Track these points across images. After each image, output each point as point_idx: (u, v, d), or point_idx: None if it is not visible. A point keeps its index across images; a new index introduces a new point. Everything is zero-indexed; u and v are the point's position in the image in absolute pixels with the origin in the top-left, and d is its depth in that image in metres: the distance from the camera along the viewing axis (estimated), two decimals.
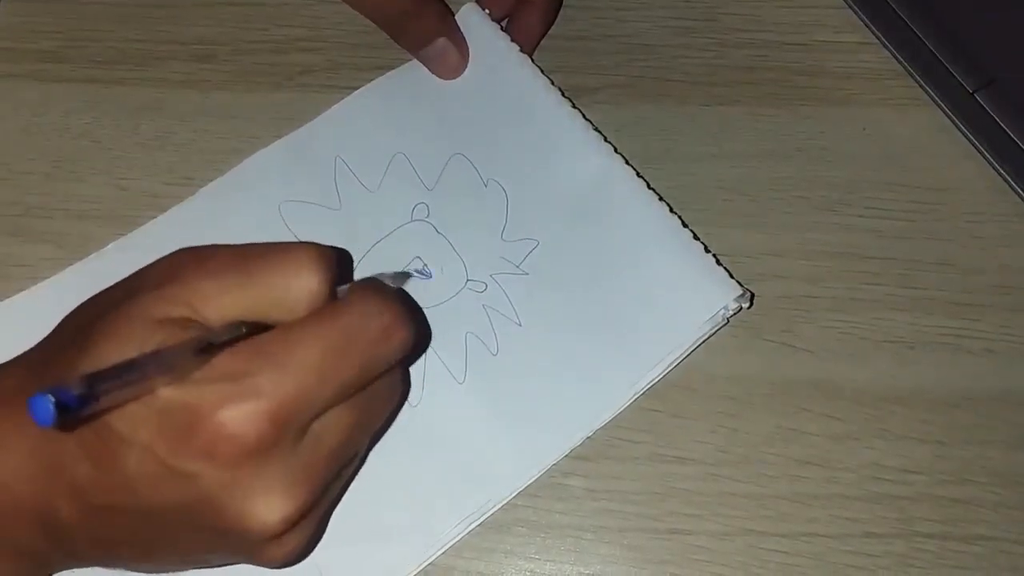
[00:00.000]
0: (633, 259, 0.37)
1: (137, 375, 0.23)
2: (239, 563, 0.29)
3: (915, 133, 0.40)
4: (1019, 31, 0.40)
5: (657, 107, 0.41)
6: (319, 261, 0.27)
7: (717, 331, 0.36)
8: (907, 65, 0.40)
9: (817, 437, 0.35)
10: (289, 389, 0.25)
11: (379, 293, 0.28)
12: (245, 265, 0.27)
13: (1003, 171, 0.38)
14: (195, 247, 0.28)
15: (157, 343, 0.25)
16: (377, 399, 0.29)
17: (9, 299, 0.37)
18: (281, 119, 0.40)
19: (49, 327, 0.30)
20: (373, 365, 0.28)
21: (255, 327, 0.26)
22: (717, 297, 0.35)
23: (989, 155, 0.38)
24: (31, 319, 0.30)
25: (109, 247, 0.38)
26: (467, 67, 0.40)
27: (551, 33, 0.42)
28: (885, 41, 0.41)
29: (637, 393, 0.35)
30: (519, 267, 0.37)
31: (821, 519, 0.34)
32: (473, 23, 0.41)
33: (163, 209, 0.39)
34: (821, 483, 0.35)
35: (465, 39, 0.40)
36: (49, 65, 0.42)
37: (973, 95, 0.39)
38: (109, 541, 0.28)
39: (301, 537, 0.28)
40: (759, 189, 0.39)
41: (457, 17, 0.40)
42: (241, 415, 0.24)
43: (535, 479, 0.34)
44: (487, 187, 0.39)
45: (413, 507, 0.34)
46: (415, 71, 0.41)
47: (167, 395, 0.24)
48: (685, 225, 0.37)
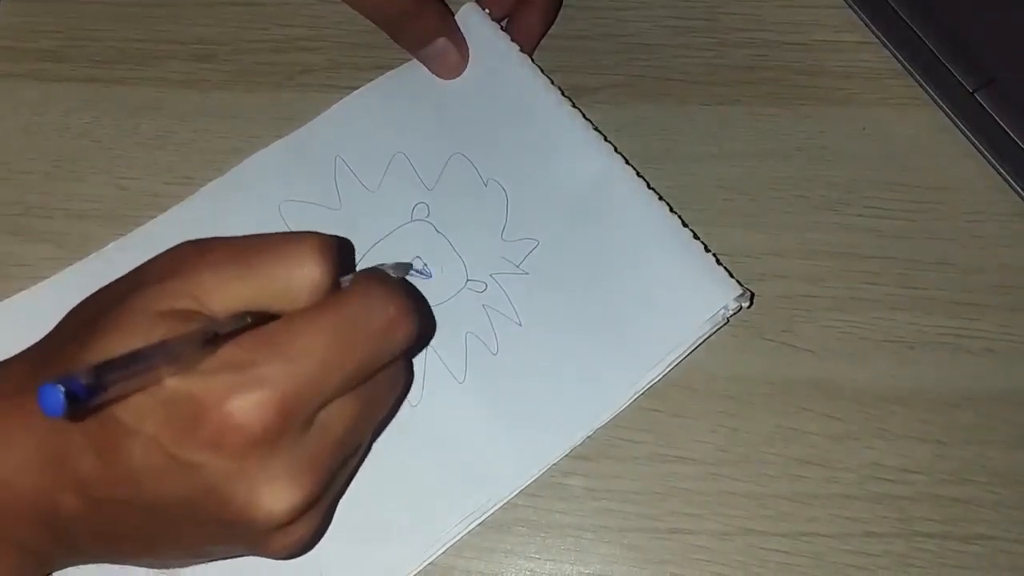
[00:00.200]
0: (633, 259, 0.37)
1: (144, 365, 0.23)
2: (243, 555, 0.29)
3: (915, 133, 0.40)
4: (1019, 31, 0.40)
5: (657, 107, 0.41)
6: (321, 251, 0.27)
7: (717, 331, 0.36)
8: (907, 64, 0.40)
9: (817, 437, 0.35)
10: (295, 379, 0.25)
11: (384, 283, 0.28)
12: (248, 256, 0.27)
13: (1003, 170, 0.38)
14: (198, 240, 0.28)
15: (161, 335, 0.24)
16: (381, 389, 0.30)
17: (9, 299, 0.37)
18: (281, 119, 0.40)
19: (49, 327, 0.30)
20: (378, 355, 0.28)
21: (260, 317, 0.26)
22: (717, 297, 0.35)
23: (989, 154, 0.38)
24: (31, 319, 0.30)
25: (109, 247, 0.38)
26: (467, 67, 0.40)
27: (551, 33, 0.42)
28: (885, 40, 0.41)
29: (637, 392, 0.35)
30: (519, 267, 0.37)
31: (821, 519, 0.34)
32: (473, 23, 0.41)
33: (163, 209, 0.39)
34: (821, 483, 0.35)
35: (465, 39, 0.40)
36: (49, 64, 0.42)
37: (973, 94, 0.39)
38: (112, 535, 0.28)
39: (307, 527, 0.28)
40: (759, 189, 0.39)
41: (457, 17, 0.40)
42: (247, 405, 0.25)
43: (535, 478, 0.35)
44: (487, 187, 0.39)
45: (413, 506, 0.34)
46: (415, 71, 0.41)
47: (173, 385, 0.24)
48: (685, 225, 0.37)
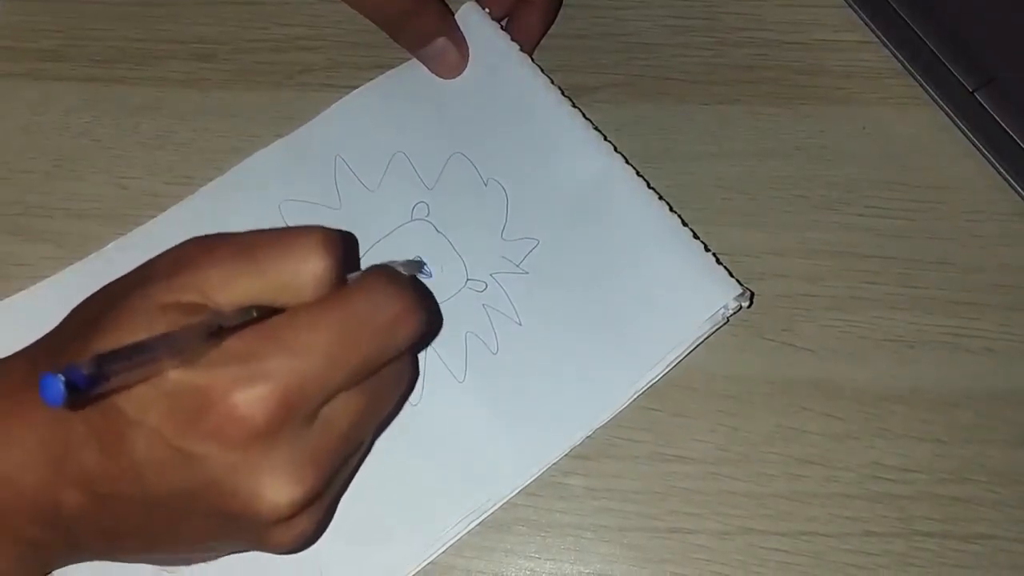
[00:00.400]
0: (633, 258, 0.37)
1: (147, 356, 0.23)
2: (245, 550, 0.29)
3: (915, 132, 0.40)
4: (1019, 30, 0.40)
5: (657, 106, 0.41)
6: (326, 245, 0.27)
7: (717, 330, 0.36)
8: (907, 64, 0.40)
9: (817, 436, 0.35)
10: (299, 372, 0.25)
11: (392, 279, 0.28)
12: (253, 250, 0.27)
13: (1003, 170, 0.38)
14: (202, 236, 0.28)
15: (165, 328, 0.24)
16: (386, 385, 0.29)
17: (9, 298, 0.37)
18: (281, 118, 0.40)
19: (49, 326, 0.30)
20: (384, 351, 0.27)
21: (265, 312, 0.26)
22: (717, 296, 0.35)
23: (989, 154, 0.38)
24: (31, 318, 0.30)
25: (109, 246, 0.38)
26: (467, 66, 0.40)
27: (551, 32, 0.42)
28: (885, 40, 0.41)
29: (637, 392, 0.35)
30: (519, 266, 0.37)
31: (821, 518, 0.34)
32: (473, 22, 0.41)
33: (163, 208, 0.39)
34: (821, 482, 0.35)
35: (465, 38, 0.40)
36: (49, 64, 0.42)
37: (973, 94, 0.39)
38: (114, 531, 0.28)
39: (309, 522, 0.28)
40: (759, 188, 0.39)
41: (457, 16, 0.40)
42: (251, 398, 0.24)
43: (535, 478, 0.35)
44: (487, 186, 0.39)
45: (413, 506, 0.34)
46: (415, 70, 0.41)
47: (176, 377, 0.24)
48: (685, 224, 0.37)
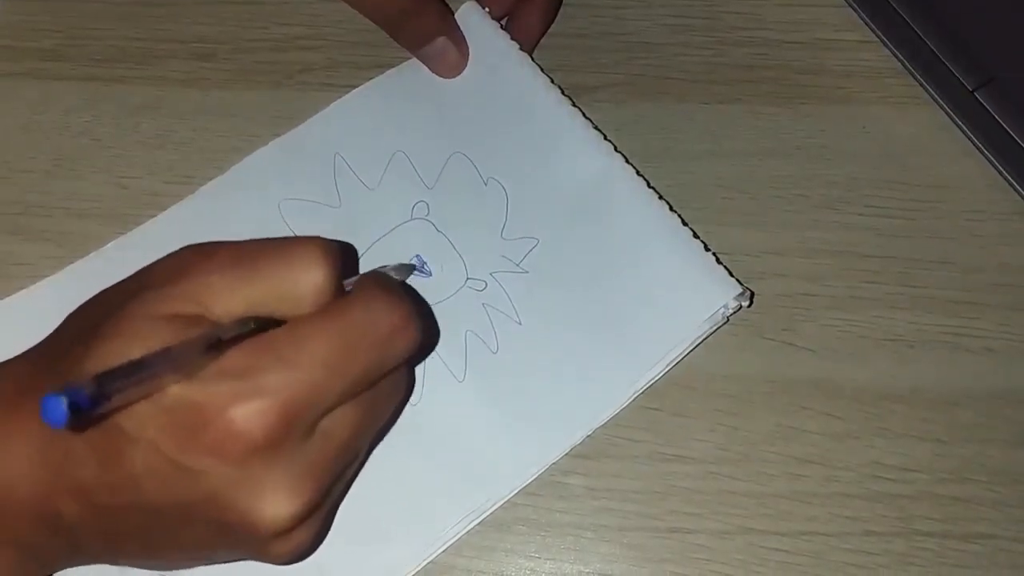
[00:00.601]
0: (633, 257, 0.37)
1: (147, 373, 0.23)
2: (244, 560, 0.29)
3: (915, 131, 0.40)
4: (1019, 30, 0.40)
5: (657, 105, 0.41)
6: (325, 255, 0.27)
7: (717, 330, 0.36)
8: (907, 63, 0.40)
9: (817, 435, 0.35)
10: (298, 386, 0.25)
11: (388, 291, 0.28)
12: (251, 260, 0.27)
13: (1003, 169, 0.38)
14: (200, 244, 0.28)
15: (164, 340, 0.24)
16: (383, 396, 0.29)
17: (9, 298, 0.37)
18: (281, 117, 0.40)
19: (49, 326, 0.30)
20: (381, 363, 0.28)
21: (263, 323, 0.26)
22: (717, 296, 0.35)
23: (989, 153, 0.38)
24: (31, 318, 0.30)
25: (109, 246, 0.38)
26: (467, 66, 0.40)
27: (551, 31, 0.42)
28: (885, 39, 0.41)
29: (637, 391, 0.35)
30: (519, 265, 0.37)
31: (821, 517, 0.34)
32: (473, 22, 0.40)
33: (163, 208, 0.39)
34: (821, 481, 0.35)
35: (465, 38, 0.40)
36: (49, 63, 0.42)
37: (973, 93, 0.39)
38: (114, 538, 0.28)
39: (307, 533, 0.28)
40: (759, 187, 0.39)
41: (457, 16, 0.40)
42: (249, 412, 0.24)
43: (535, 477, 0.35)
44: (487, 185, 0.39)
45: (413, 506, 0.34)
46: (414, 70, 0.41)
47: (175, 392, 0.24)
48: (685, 223, 0.37)
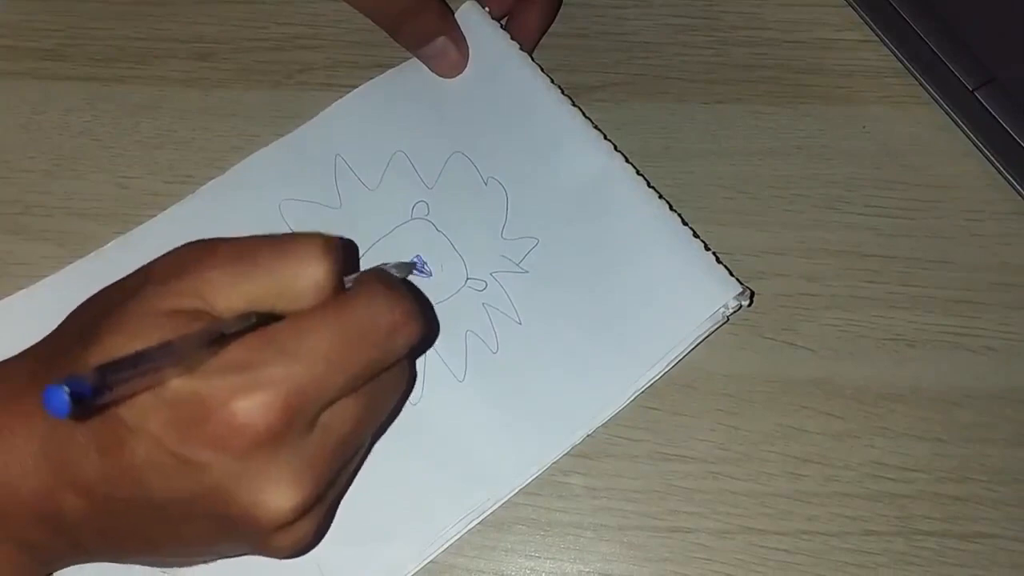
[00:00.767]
0: (633, 257, 0.37)
1: (149, 366, 0.23)
2: (245, 554, 0.29)
3: (915, 131, 0.40)
4: (1019, 29, 0.40)
5: (657, 105, 0.41)
6: (326, 252, 0.27)
7: (717, 329, 0.36)
8: (907, 63, 0.40)
9: (817, 435, 0.35)
10: (299, 380, 0.25)
11: (389, 286, 0.28)
12: (252, 256, 0.27)
13: (1003, 169, 0.38)
14: (201, 240, 0.28)
15: (166, 336, 0.24)
16: (384, 390, 0.30)
17: (9, 298, 0.37)
18: (281, 117, 0.40)
19: (49, 326, 0.30)
20: (382, 357, 0.28)
21: (265, 318, 0.26)
22: (717, 295, 0.35)
23: (989, 153, 0.38)
24: (31, 318, 0.30)
25: (109, 245, 0.38)
26: (467, 65, 0.40)
27: (551, 31, 0.42)
28: (885, 39, 0.41)
29: (637, 391, 0.35)
30: (519, 265, 0.37)
31: (821, 517, 0.34)
32: (473, 21, 0.40)
33: (163, 207, 0.39)
34: (821, 481, 0.35)
35: (465, 37, 0.40)
36: (49, 63, 0.42)
37: (973, 93, 0.39)
38: (115, 534, 0.28)
39: (309, 527, 0.28)
40: (759, 187, 0.39)
41: (457, 15, 0.40)
42: (251, 405, 0.25)
43: (535, 477, 0.35)
44: (487, 185, 0.39)
45: (414, 505, 0.34)
46: (415, 69, 0.41)
47: (177, 385, 0.25)
48: (685, 223, 0.37)
